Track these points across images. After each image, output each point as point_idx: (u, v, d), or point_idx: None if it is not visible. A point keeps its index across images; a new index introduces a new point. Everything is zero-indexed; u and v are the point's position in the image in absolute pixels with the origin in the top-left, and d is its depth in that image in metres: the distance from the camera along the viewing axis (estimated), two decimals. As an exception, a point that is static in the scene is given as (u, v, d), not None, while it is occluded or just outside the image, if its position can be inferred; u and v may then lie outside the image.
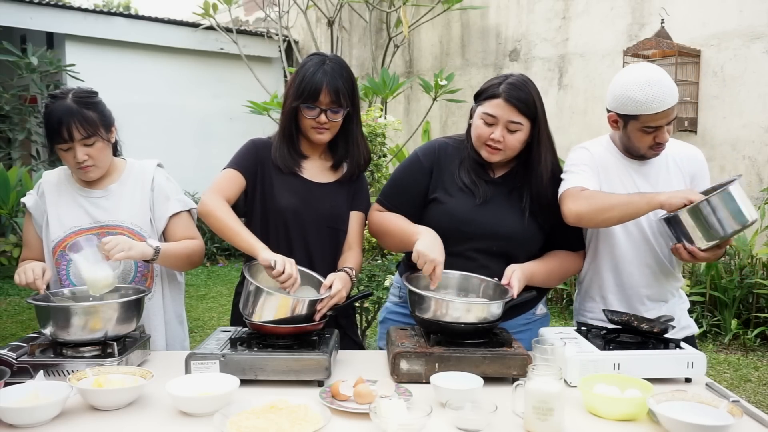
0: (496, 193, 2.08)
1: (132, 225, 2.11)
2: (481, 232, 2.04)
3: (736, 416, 1.42)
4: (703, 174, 2.17)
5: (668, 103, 1.95)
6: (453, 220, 2.05)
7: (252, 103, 4.34)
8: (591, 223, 2.01)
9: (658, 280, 2.13)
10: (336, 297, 1.89)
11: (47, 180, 2.18)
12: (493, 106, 1.98)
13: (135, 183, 2.16)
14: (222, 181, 2.07)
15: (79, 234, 2.07)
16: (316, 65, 2.01)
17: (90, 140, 2.02)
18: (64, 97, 2.03)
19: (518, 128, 1.98)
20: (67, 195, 2.13)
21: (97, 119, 2.03)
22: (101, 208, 2.11)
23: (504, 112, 1.97)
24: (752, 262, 5.27)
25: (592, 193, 1.98)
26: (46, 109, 2.03)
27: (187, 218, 2.20)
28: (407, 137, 5.44)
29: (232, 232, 1.95)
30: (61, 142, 2.01)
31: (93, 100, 2.07)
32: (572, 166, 2.09)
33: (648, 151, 2.05)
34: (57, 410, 1.49)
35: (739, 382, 4.32)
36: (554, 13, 6.91)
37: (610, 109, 2.07)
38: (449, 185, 2.09)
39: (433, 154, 2.13)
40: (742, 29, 5.53)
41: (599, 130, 2.33)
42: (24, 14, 7.68)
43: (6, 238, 7.54)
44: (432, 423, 1.43)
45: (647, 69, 2.00)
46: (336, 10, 6.80)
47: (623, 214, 1.93)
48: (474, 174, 2.08)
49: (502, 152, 2.01)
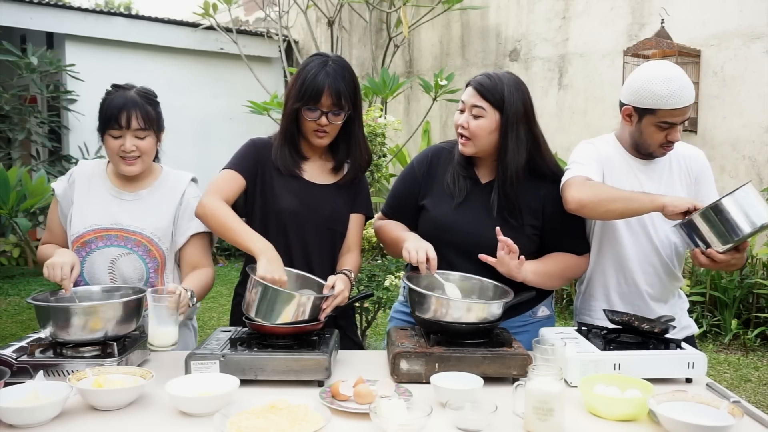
0: (480, 197, 2.07)
1: (152, 235, 2.10)
2: (458, 235, 2.04)
3: (737, 417, 1.41)
4: (707, 174, 2.16)
5: (688, 100, 1.96)
6: (434, 225, 2.08)
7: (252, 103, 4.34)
8: (592, 213, 1.99)
9: (661, 280, 2.14)
10: (339, 297, 1.88)
11: (81, 170, 2.18)
12: (464, 93, 2.06)
13: (165, 193, 2.15)
14: (220, 182, 2.04)
15: (97, 233, 2.07)
16: (318, 66, 1.99)
17: (143, 133, 2.04)
18: (127, 89, 2.08)
19: (481, 113, 1.99)
20: (97, 190, 2.12)
21: (155, 116, 2.08)
22: (127, 211, 2.10)
23: (469, 98, 2.03)
24: (752, 262, 5.27)
25: (596, 184, 1.98)
26: (107, 96, 2.07)
27: (206, 241, 2.18)
28: (407, 137, 5.44)
29: (234, 233, 1.92)
30: (115, 128, 2.02)
31: (154, 99, 2.12)
32: (578, 158, 2.09)
33: (658, 149, 2.05)
34: (57, 410, 1.49)
35: (740, 382, 4.32)
36: (554, 13, 6.91)
37: (625, 103, 2.06)
38: (437, 191, 2.11)
39: (426, 162, 2.17)
40: (742, 29, 5.53)
41: (599, 130, 2.34)
42: (24, 14, 7.68)
43: (6, 238, 7.55)
44: (432, 423, 1.43)
45: (669, 65, 2.02)
46: (336, 10, 6.80)
47: (626, 209, 1.93)
48: (458, 175, 2.09)
49: (470, 142, 2.02)
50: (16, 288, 7.03)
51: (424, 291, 1.86)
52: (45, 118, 7.97)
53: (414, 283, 1.90)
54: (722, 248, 1.84)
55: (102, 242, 2.08)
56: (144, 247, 2.09)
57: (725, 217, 1.81)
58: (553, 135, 6.89)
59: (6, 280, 7.29)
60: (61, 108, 7.90)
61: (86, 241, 2.07)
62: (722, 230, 1.81)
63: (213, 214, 1.95)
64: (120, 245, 2.08)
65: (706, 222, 1.83)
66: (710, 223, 1.82)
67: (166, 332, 1.74)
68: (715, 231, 1.82)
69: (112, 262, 2.08)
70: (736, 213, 1.80)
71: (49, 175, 6.91)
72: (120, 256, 2.08)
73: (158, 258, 2.11)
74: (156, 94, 2.14)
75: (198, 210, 2.00)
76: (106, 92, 2.10)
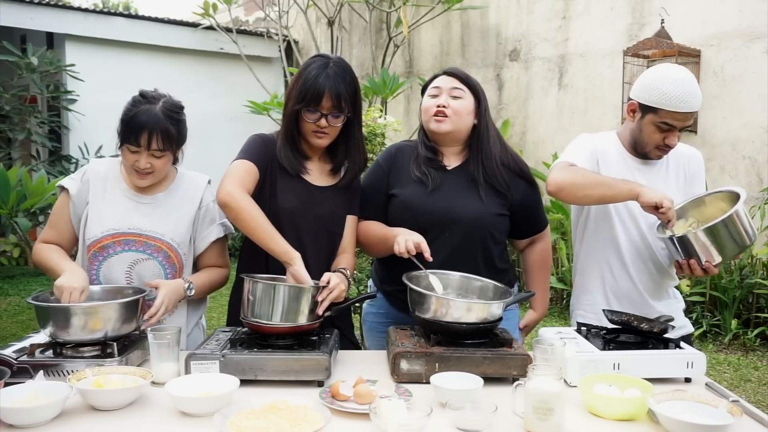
0: (450, 182, 2.14)
1: (172, 241, 2.09)
2: (436, 218, 2.08)
3: (736, 416, 1.42)
4: (701, 177, 2.22)
5: (692, 107, 1.98)
6: (407, 210, 2.12)
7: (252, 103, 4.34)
8: (570, 198, 2.06)
9: (653, 278, 2.15)
10: (336, 290, 1.87)
11: (95, 169, 2.12)
12: (436, 81, 2.16)
13: (183, 197, 2.13)
14: (242, 172, 1.98)
15: (115, 237, 2.05)
16: (318, 68, 1.98)
17: (160, 153, 2.00)
18: (154, 102, 2.01)
19: (461, 95, 2.11)
20: (113, 193, 2.09)
21: (175, 135, 2.02)
22: (145, 216, 2.08)
23: (446, 83, 2.13)
24: (752, 262, 5.26)
25: (578, 169, 2.03)
26: (133, 106, 2.00)
27: (224, 244, 2.18)
28: (407, 137, 5.44)
29: (264, 234, 1.90)
30: (134, 145, 1.98)
31: (179, 117, 2.06)
32: (572, 147, 2.15)
33: (653, 150, 2.07)
34: (57, 410, 1.49)
35: (739, 382, 4.32)
36: (554, 13, 6.91)
37: (632, 98, 2.09)
38: (404, 180, 2.16)
39: (390, 157, 2.24)
40: (742, 29, 5.53)
41: (599, 130, 2.34)
42: (24, 14, 7.68)
43: (6, 238, 7.55)
44: (432, 423, 1.43)
45: (684, 70, 2.04)
46: (336, 10, 6.81)
47: (603, 195, 1.99)
48: (426, 165, 2.14)
49: (449, 120, 2.09)
50: (16, 288, 7.03)
51: (425, 291, 1.86)
52: (45, 118, 7.97)
53: (414, 283, 1.90)
54: (717, 261, 1.95)
55: (120, 247, 2.06)
56: (164, 253, 2.08)
57: (727, 234, 1.91)
58: (553, 135, 6.91)
59: (6, 280, 7.28)
60: (61, 108, 7.90)
61: (104, 246, 2.05)
62: (722, 245, 1.92)
63: (244, 209, 1.89)
64: (139, 250, 2.06)
65: (708, 237, 1.91)
66: (713, 237, 1.91)
67: (166, 369, 1.73)
68: (715, 245, 1.92)
69: (131, 266, 2.06)
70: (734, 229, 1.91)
71: (49, 175, 6.92)
72: (139, 261, 2.07)
73: (176, 264, 2.11)
74: (182, 107, 2.08)
75: (225, 198, 1.90)
76: (133, 101, 2.02)
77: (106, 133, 2.48)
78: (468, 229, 2.08)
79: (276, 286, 1.81)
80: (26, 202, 5.03)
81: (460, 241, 2.08)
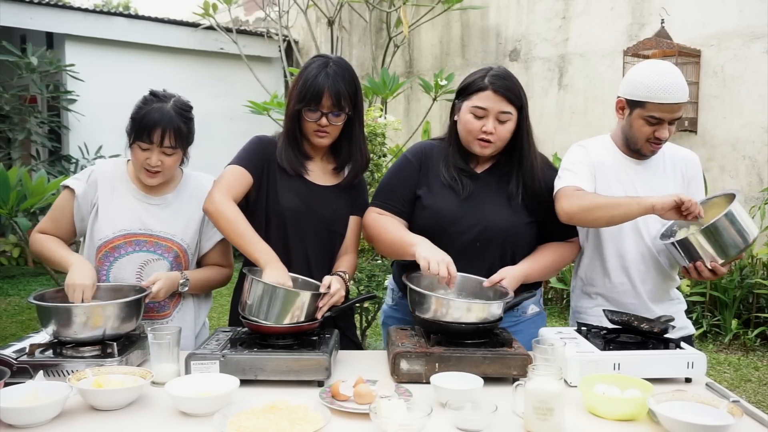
0: (481, 187, 2.09)
1: (182, 242, 2.11)
2: (467, 227, 2.04)
3: (737, 416, 1.42)
4: (699, 179, 2.22)
5: (676, 98, 1.97)
6: (436, 217, 2.06)
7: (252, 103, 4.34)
8: (582, 222, 2.05)
9: (654, 280, 2.15)
10: (336, 296, 1.89)
11: (101, 170, 2.13)
12: (482, 98, 2.00)
13: (190, 197, 2.15)
14: (230, 178, 2.02)
15: (127, 238, 2.06)
16: (318, 68, 1.99)
17: (171, 150, 2.02)
18: (166, 101, 2.03)
19: (508, 118, 2.01)
20: (121, 193, 2.10)
21: (186, 133, 2.05)
22: (156, 216, 2.10)
23: (494, 104, 1.99)
24: (752, 262, 5.26)
25: (584, 194, 2.00)
26: (144, 105, 2.02)
27: (228, 244, 2.18)
28: (407, 137, 5.44)
29: (242, 240, 1.91)
30: (146, 142, 1.99)
31: (189, 116, 2.08)
32: (569, 164, 2.11)
33: (645, 144, 2.06)
34: (57, 410, 1.49)
35: (740, 382, 4.32)
36: (554, 13, 6.91)
37: (620, 95, 2.09)
38: (433, 183, 2.11)
39: (421, 153, 2.17)
40: (742, 29, 5.53)
41: (599, 130, 2.34)
42: (24, 14, 7.68)
43: (6, 238, 7.55)
44: (432, 423, 1.43)
45: (667, 64, 2.04)
46: (336, 10, 6.80)
47: (612, 215, 1.96)
48: (457, 171, 2.09)
49: (493, 144, 2.03)
50: (16, 288, 7.03)
51: (424, 291, 1.86)
52: (45, 118, 7.97)
53: (414, 283, 1.90)
54: (722, 260, 1.93)
55: (131, 247, 2.07)
56: (174, 253, 2.10)
57: (727, 231, 1.90)
58: (553, 135, 6.90)
59: (6, 280, 7.29)
60: (61, 108, 7.90)
61: (115, 246, 2.06)
62: (722, 245, 1.91)
63: (222, 214, 1.93)
64: (150, 251, 2.08)
65: (706, 238, 1.90)
66: (711, 238, 1.90)
67: (165, 369, 1.73)
68: (714, 246, 1.91)
69: (141, 267, 2.07)
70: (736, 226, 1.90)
71: (49, 175, 6.91)
72: (149, 261, 2.08)
73: (184, 264, 2.13)
74: (191, 107, 2.10)
75: (207, 206, 1.96)
76: (144, 100, 2.04)
77: (106, 133, 2.49)
78: (499, 240, 2.04)
79: (276, 289, 1.80)
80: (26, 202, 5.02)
81: (490, 250, 2.05)
